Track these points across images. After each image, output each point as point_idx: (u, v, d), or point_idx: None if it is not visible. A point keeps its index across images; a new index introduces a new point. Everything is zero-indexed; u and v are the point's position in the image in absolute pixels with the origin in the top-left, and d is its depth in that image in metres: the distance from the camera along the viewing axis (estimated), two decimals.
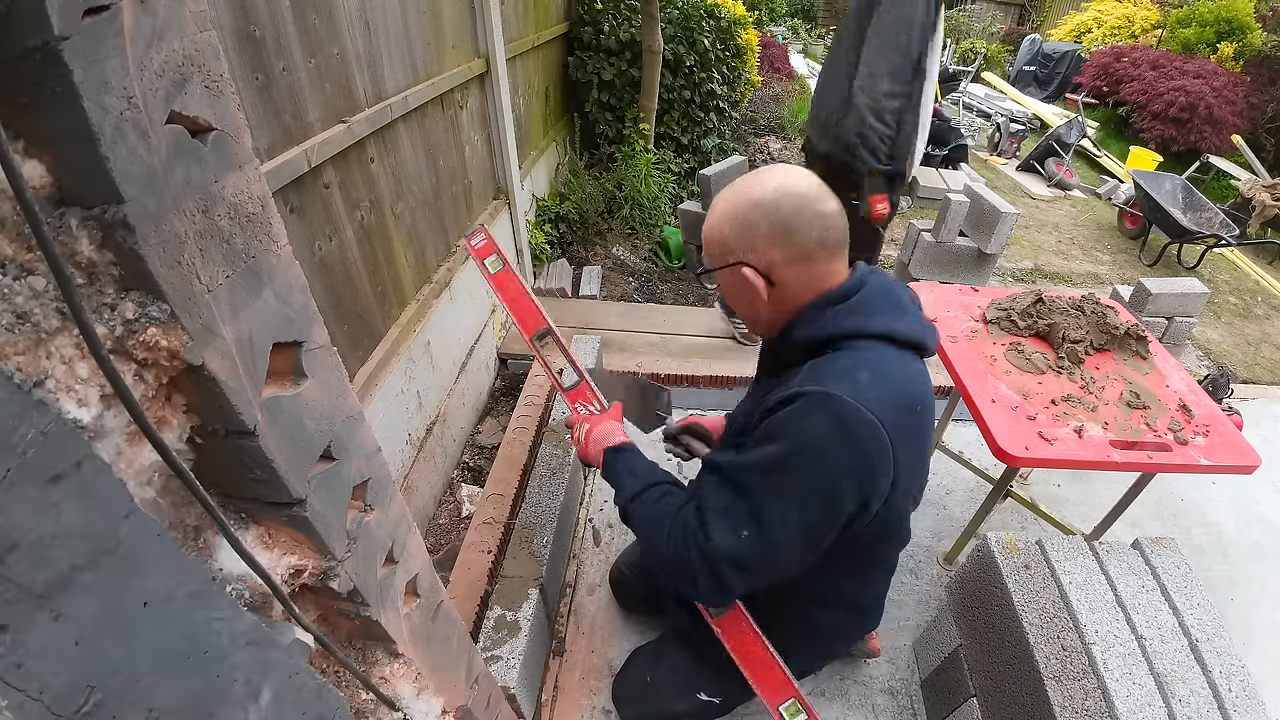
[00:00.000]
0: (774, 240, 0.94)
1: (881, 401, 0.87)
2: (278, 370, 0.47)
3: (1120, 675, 1.16)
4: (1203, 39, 8.06)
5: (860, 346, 0.94)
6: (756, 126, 6.74)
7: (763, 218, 0.93)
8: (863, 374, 0.89)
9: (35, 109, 0.31)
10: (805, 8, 15.41)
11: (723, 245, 0.98)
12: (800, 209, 0.92)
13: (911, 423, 0.92)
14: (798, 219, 0.92)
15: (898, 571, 1.99)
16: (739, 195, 0.96)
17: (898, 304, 1.00)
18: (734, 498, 0.92)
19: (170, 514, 0.44)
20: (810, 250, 0.94)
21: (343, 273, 1.73)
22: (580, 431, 1.25)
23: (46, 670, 0.30)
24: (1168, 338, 3.27)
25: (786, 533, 0.90)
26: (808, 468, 0.88)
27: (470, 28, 2.59)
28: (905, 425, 0.90)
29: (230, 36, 1.25)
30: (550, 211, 4.01)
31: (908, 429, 0.91)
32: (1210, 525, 2.33)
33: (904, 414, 0.91)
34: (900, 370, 0.94)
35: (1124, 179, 6.25)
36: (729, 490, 0.94)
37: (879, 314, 0.96)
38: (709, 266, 1.02)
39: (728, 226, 0.97)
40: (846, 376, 0.89)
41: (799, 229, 0.93)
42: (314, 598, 0.61)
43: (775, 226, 0.93)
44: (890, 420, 0.87)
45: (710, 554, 0.92)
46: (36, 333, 0.32)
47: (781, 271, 0.95)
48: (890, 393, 0.89)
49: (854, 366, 0.91)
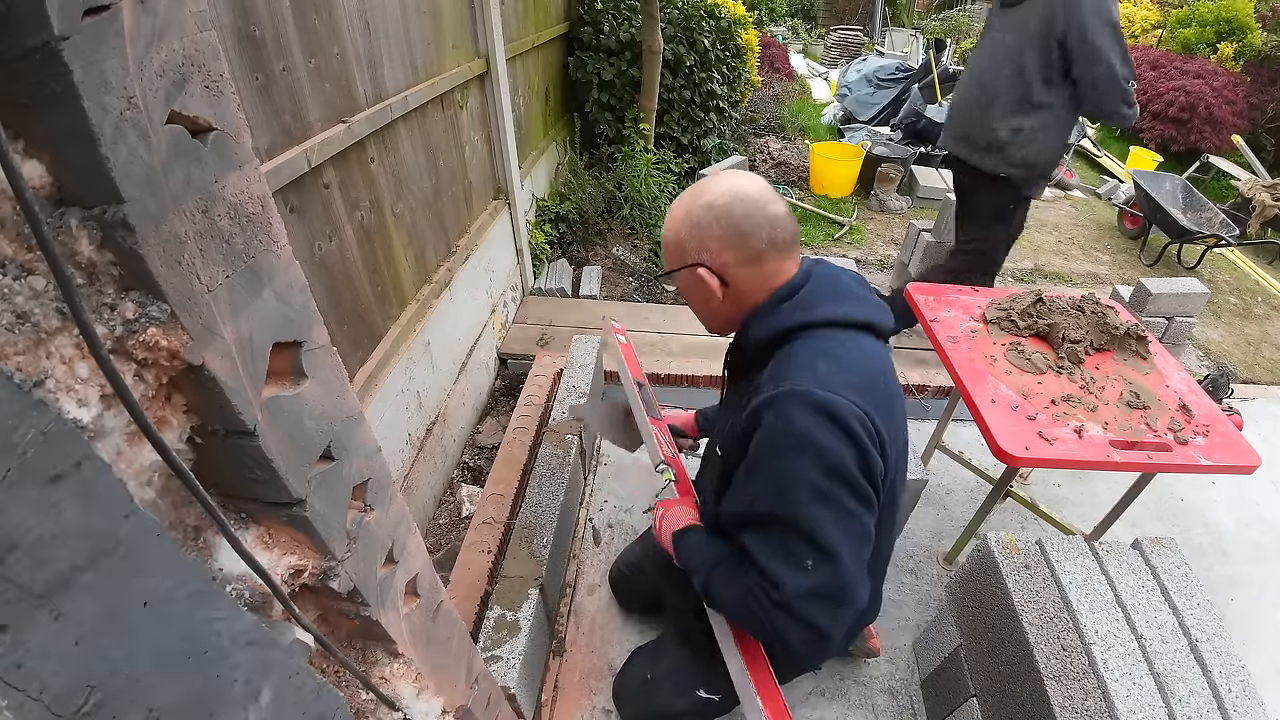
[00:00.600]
0: (727, 242, 0.99)
1: (844, 383, 0.91)
2: (278, 370, 0.47)
3: (1120, 675, 1.16)
4: (1203, 39, 8.05)
5: (811, 336, 0.99)
6: (756, 126, 6.74)
7: (715, 221, 0.98)
8: (820, 363, 0.94)
9: (35, 109, 0.31)
10: (805, 8, 15.41)
11: (679, 247, 1.03)
12: (751, 213, 0.98)
13: (879, 393, 0.96)
14: (749, 223, 0.98)
15: (898, 571, 2.01)
16: (693, 199, 1.01)
17: (842, 291, 1.04)
18: (777, 534, 0.93)
19: (170, 514, 0.44)
20: (761, 251, 1.00)
21: (343, 273, 1.73)
22: (656, 517, 1.27)
23: (46, 670, 0.30)
24: (1168, 338, 3.27)
25: (839, 535, 0.91)
26: (814, 465, 0.90)
27: (470, 28, 2.59)
28: (874, 397, 0.94)
29: (230, 36, 1.25)
30: (550, 211, 4.01)
31: (877, 400, 0.95)
32: (1210, 525, 2.33)
33: (869, 388, 0.95)
34: (853, 351, 0.99)
35: (1124, 179, 6.26)
36: (768, 531, 0.94)
37: (822, 304, 1.01)
38: (667, 269, 1.07)
39: (684, 230, 1.02)
40: (806, 369, 0.93)
41: (750, 232, 0.98)
42: (314, 598, 0.61)
43: (728, 229, 0.98)
44: (859, 397, 0.91)
45: (788, 603, 0.91)
46: (36, 333, 0.32)
47: (735, 272, 1.01)
48: (850, 373, 0.94)
49: (811, 358, 0.95)
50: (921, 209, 5.54)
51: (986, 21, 2.68)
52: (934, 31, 11.92)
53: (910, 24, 13.60)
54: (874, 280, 4.22)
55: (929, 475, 1.67)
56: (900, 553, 2.07)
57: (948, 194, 3.74)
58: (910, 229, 3.98)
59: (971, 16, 12.96)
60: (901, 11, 14.08)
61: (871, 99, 7.10)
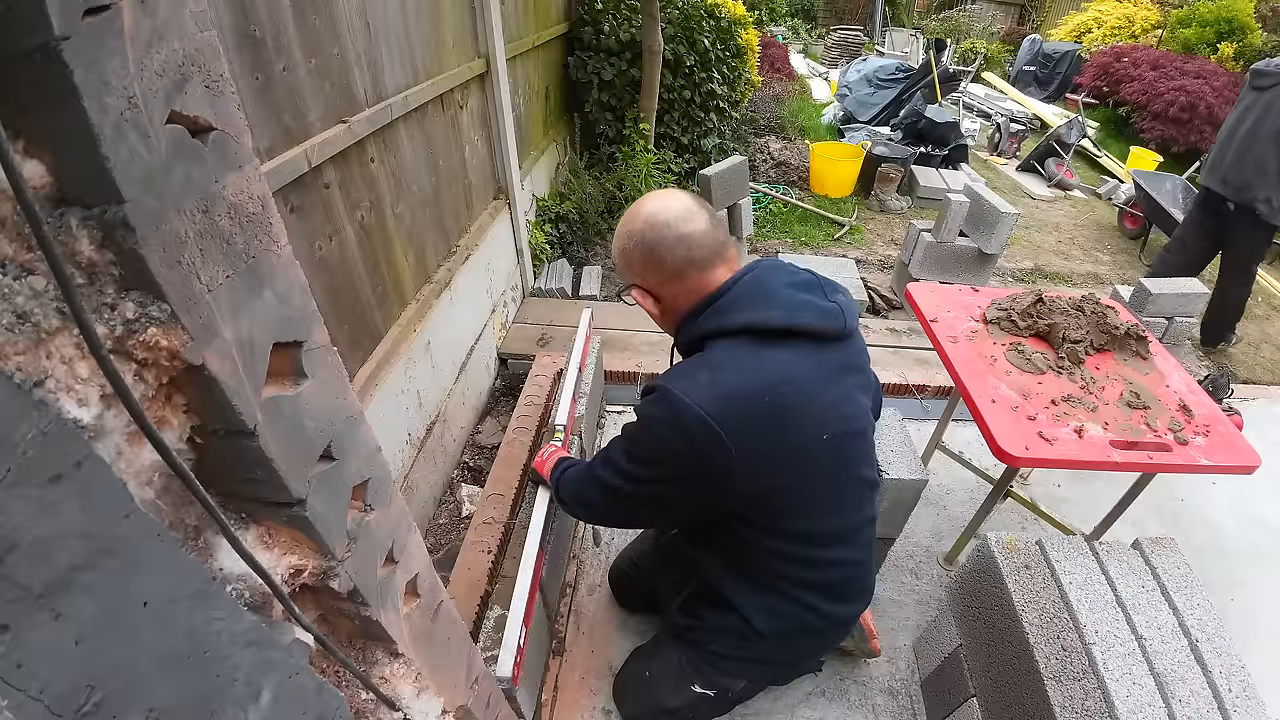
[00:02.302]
0: (648, 266, 1.10)
1: (715, 398, 0.99)
2: (278, 370, 0.47)
3: (1120, 675, 1.16)
4: (1203, 39, 8.06)
5: (715, 346, 1.06)
6: (756, 126, 6.74)
7: (635, 248, 1.10)
8: (702, 374, 1.02)
9: (35, 109, 0.31)
10: (805, 8, 15.42)
11: (623, 270, 1.16)
12: (663, 237, 1.07)
13: (759, 410, 1.01)
14: (662, 247, 1.07)
15: (898, 571, 2.01)
16: (621, 228, 1.13)
17: (768, 296, 1.07)
18: (615, 450, 1.16)
19: (170, 514, 0.44)
20: (680, 269, 1.09)
21: (343, 273, 1.73)
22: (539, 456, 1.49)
23: (46, 670, 0.30)
24: (1168, 338, 3.27)
25: (637, 487, 1.12)
26: (648, 443, 1.09)
27: (470, 27, 2.59)
28: (749, 413, 1.00)
29: (230, 36, 1.25)
30: (550, 211, 4.01)
31: (752, 416, 1.00)
32: (1210, 525, 2.33)
33: (746, 404, 1.00)
34: (749, 363, 1.03)
35: (1124, 179, 6.25)
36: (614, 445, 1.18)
37: (740, 311, 1.06)
38: (622, 287, 1.21)
39: (618, 257, 1.15)
40: (686, 377, 1.03)
41: (664, 256, 1.08)
42: (314, 598, 0.61)
43: (646, 255, 1.09)
44: (722, 412, 0.98)
45: (595, 478, 1.20)
46: (36, 333, 0.32)
47: (662, 290, 1.13)
48: (729, 387, 1.01)
49: (696, 368, 1.04)
50: (921, 209, 5.54)
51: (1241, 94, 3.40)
52: (934, 32, 11.92)
53: (910, 24, 13.60)
54: (874, 280, 4.22)
55: (929, 475, 1.67)
56: (900, 553, 2.07)
57: (948, 194, 3.75)
58: (910, 229, 3.98)
59: (971, 16, 12.97)
60: (901, 11, 14.08)
61: (871, 99, 7.10)
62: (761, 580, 1.23)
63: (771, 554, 1.19)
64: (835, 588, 1.24)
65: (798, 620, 1.23)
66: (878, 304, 4.00)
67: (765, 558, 1.20)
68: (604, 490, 1.18)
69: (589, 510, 1.30)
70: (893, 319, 3.78)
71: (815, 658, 1.46)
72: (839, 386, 1.11)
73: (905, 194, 5.64)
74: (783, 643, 1.29)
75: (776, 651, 1.32)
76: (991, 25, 12.73)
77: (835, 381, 1.10)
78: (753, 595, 1.24)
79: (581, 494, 1.27)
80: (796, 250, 4.73)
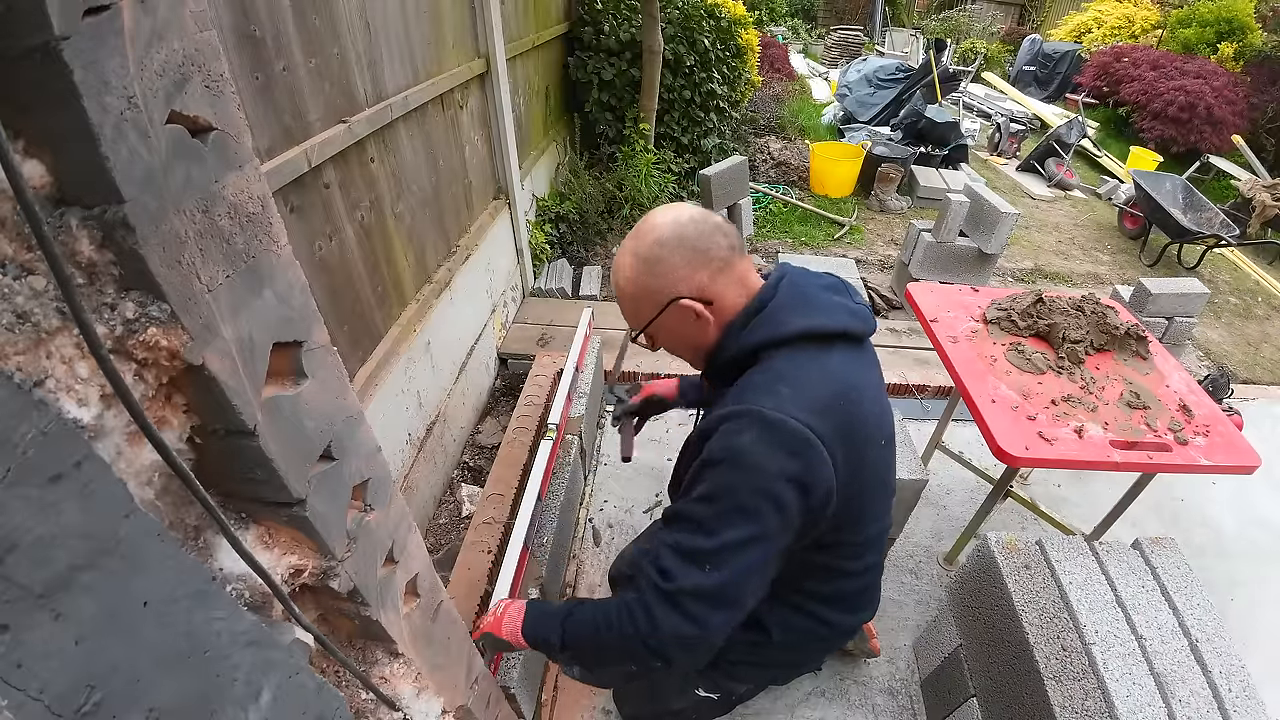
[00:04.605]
0: (694, 264, 0.99)
1: (804, 407, 0.91)
2: (278, 370, 0.47)
3: (1120, 675, 1.16)
4: (1203, 39, 8.05)
5: (776, 356, 0.99)
6: (756, 126, 6.74)
7: (674, 251, 0.99)
8: (782, 387, 0.94)
9: (35, 109, 0.31)
10: (805, 8, 15.41)
11: (647, 295, 1.01)
12: (701, 230, 1.00)
13: (842, 415, 0.96)
14: (705, 239, 1.00)
15: (898, 571, 2.01)
16: (640, 249, 1.01)
17: (811, 302, 1.04)
18: (689, 533, 0.94)
19: (170, 514, 0.44)
20: (726, 256, 1.01)
21: (343, 273, 1.73)
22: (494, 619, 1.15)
23: (46, 670, 0.30)
24: (1168, 338, 3.27)
25: (747, 554, 0.92)
26: (747, 482, 0.91)
27: (470, 28, 2.59)
28: (835, 420, 0.94)
29: (230, 36, 1.25)
30: (550, 211, 4.01)
31: (838, 423, 0.95)
32: (1210, 525, 2.33)
33: (831, 411, 0.94)
34: (817, 369, 0.98)
35: (1124, 179, 6.25)
36: (682, 528, 0.95)
37: (791, 318, 1.00)
38: (643, 324, 1.04)
39: (644, 277, 1.00)
40: (767, 391, 0.94)
41: (710, 245, 1.00)
42: (314, 597, 0.61)
43: (690, 251, 0.99)
44: (818, 422, 0.91)
45: (675, 594, 0.92)
46: (36, 333, 0.32)
47: (714, 288, 1.01)
48: (811, 397, 0.93)
49: (772, 381, 0.95)
50: (921, 209, 5.54)
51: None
52: (934, 31, 11.92)
53: (910, 24, 13.60)
54: (874, 280, 4.22)
55: (929, 475, 1.67)
56: (900, 553, 2.07)
57: (948, 194, 3.75)
58: (910, 229, 3.98)
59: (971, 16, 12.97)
60: (901, 11, 14.08)
61: (871, 99, 7.10)
62: (780, 594, 1.18)
63: (803, 566, 1.10)
64: (850, 599, 1.24)
65: (810, 632, 1.23)
66: (878, 304, 4.00)
67: (793, 570, 1.10)
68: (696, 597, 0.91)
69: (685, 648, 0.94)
70: (893, 319, 3.78)
71: (819, 661, 1.46)
72: (880, 390, 1.09)
73: (905, 194, 5.64)
74: (791, 650, 1.28)
75: (784, 656, 1.31)
76: (991, 25, 12.73)
77: (878, 386, 1.09)
78: (773, 609, 1.19)
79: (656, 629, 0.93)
80: (796, 250, 4.73)
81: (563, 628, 1.04)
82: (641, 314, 1.04)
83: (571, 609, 1.06)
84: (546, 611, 1.09)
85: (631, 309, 1.05)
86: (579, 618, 1.04)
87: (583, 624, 1.03)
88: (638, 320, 1.05)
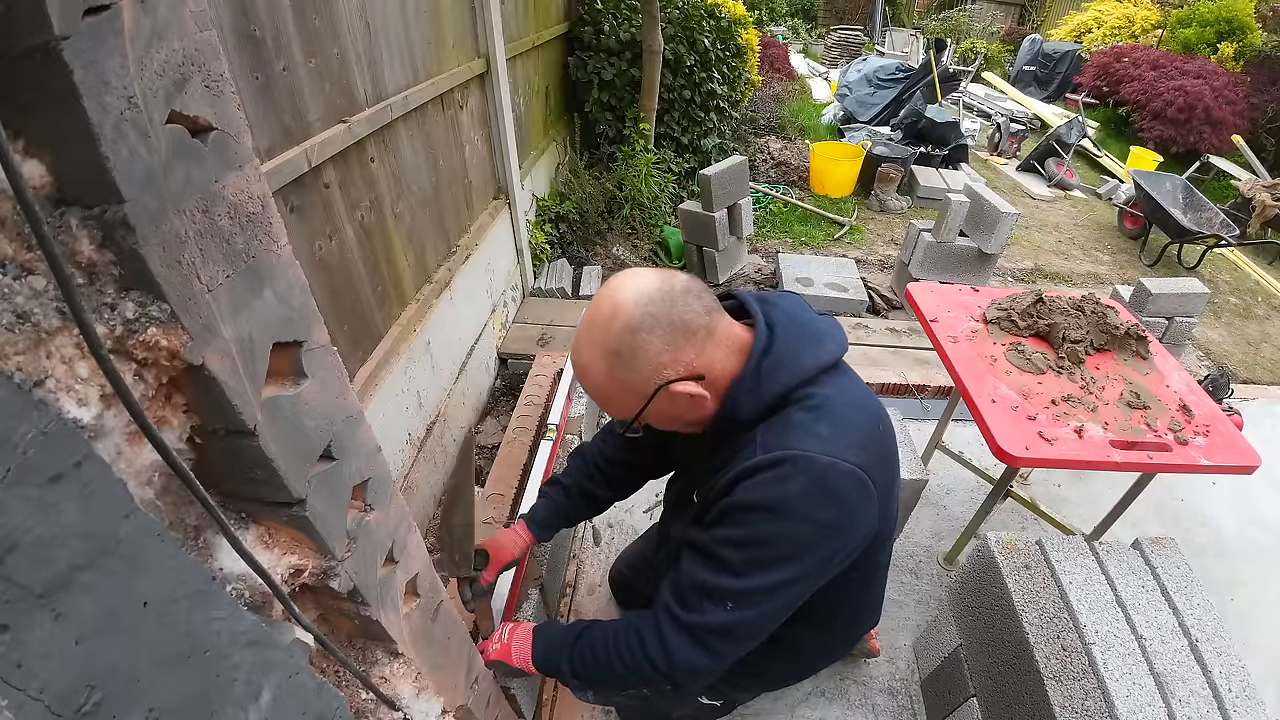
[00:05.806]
0: (674, 340, 0.88)
1: (850, 445, 0.87)
2: (278, 370, 0.47)
3: (1120, 675, 1.16)
4: (1203, 39, 8.06)
5: (805, 396, 0.91)
6: (756, 126, 6.74)
7: (650, 335, 0.87)
8: (823, 427, 0.88)
9: (35, 109, 0.31)
10: (805, 8, 15.41)
11: (630, 390, 0.90)
12: (671, 299, 0.88)
13: (879, 444, 0.94)
14: (680, 309, 0.88)
15: (898, 571, 2.01)
16: (609, 341, 0.88)
17: (809, 331, 0.97)
18: (716, 572, 0.90)
19: (170, 514, 0.44)
20: (706, 322, 0.90)
21: (343, 273, 1.73)
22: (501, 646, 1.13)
23: (46, 670, 0.30)
24: (1168, 338, 3.27)
25: (776, 598, 0.90)
26: (790, 534, 0.87)
27: (470, 27, 2.59)
28: (876, 451, 0.92)
29: (230, 36, 1.25)
30: (550, 211, 4.01)
31: (878, 454, 0.93)
32: (1210, 525, 2.33)
33: (872, 442, 0.92)
34: (846, 401, 0.93)
35: (1124, 179, 6.26)
36: (712, 566, 0.91)
37: (802, 355, 0.93)
38: (629, 419, 0.94)
39: (619, 371, 0.89)
40: (809, 433, 0.88)
41: (686, 315, 0.88)
42: (314, 597, 0.61)
43: (668, 330, 0.88)
44: (865, 459, 0.88)
45: (694, 627, 0.90)
46: (36, 333, 0.32)
47: (702, 359, 0.90)
48: (853, 433, 0.90)
49: (812, 421, 0.89)
50: (921, 209, 5.54)
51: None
52: (934, 31, 11.92)
53: (910, 24, 13.60)
54: (874, 280, 4.22)
55: (929, 475, 1.67)
56: (900, 553, 2.07)
57: (948, 194, 3.75)
58: (910, 229, 3.99)
59: (971, 16, 12.97)
60: (901, 11, 14.08)
61: (871, 99, 7.10)
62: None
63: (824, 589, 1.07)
64: (859, 611, 1.23)
65: (818, 644, 1.23)
66: (878, 304, 4.00)
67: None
68: (717, 633, 0.90)
69: (696, 678, 0.94)
70: (893, 319, 3.78)
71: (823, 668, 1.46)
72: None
73: (905, 194, 5.64)
74: (797, 662, 1.28)
75: (790, 668, 1.30)
76: (991, 25, 12.73)
77: None
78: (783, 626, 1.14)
79: (669, 657, 0.92)
80: (797, 250, 4.73)
81: (571, 652, 1.03)
82: (625, 409, 0.93)
83: (580, 632, 1.04)
84: (554, 635, 1.08)
85: (618, 404, 0.93)
86: (587, 641, 1.02)
87: (591, 648, 1.01)
88: (623, 412, 0.94)
